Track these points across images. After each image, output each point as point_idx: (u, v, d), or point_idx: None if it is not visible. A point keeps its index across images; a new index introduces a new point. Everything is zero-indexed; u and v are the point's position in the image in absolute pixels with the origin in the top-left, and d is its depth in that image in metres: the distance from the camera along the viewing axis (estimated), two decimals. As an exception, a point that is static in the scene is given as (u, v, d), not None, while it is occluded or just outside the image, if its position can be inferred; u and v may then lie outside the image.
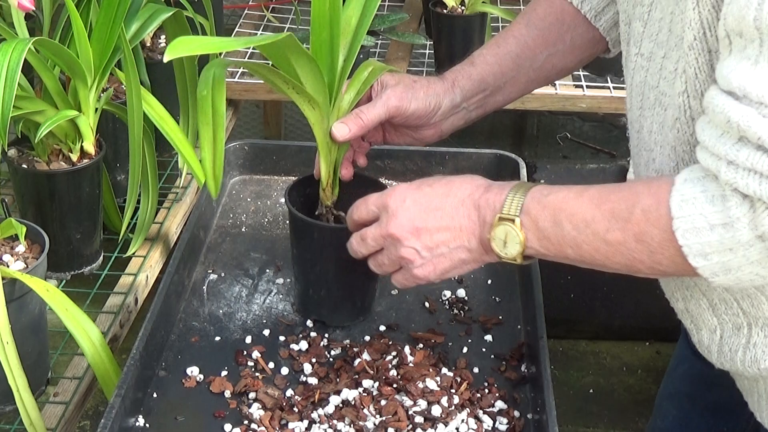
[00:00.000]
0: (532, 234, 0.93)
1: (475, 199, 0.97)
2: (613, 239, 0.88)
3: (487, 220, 0.96)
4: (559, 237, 0.92)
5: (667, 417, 1.37)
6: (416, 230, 0.99)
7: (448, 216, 0.98)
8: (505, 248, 0.95)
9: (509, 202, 0.94)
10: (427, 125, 1.17)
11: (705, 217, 0.82)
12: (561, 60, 1.19)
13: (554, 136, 2.85)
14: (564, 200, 0.92)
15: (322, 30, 1.04)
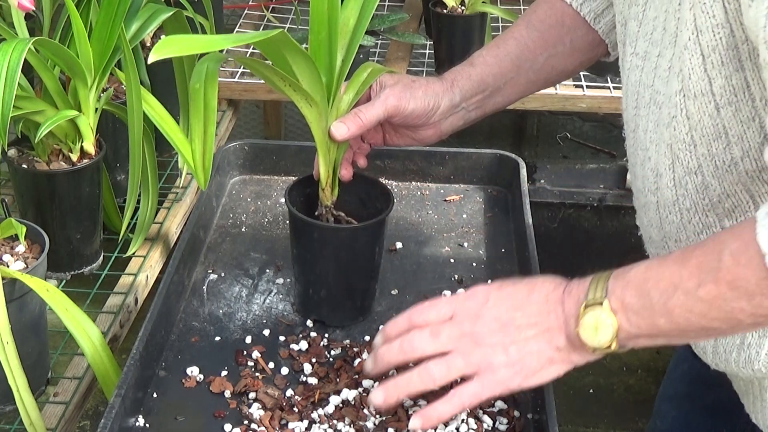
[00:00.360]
0: (622, 314, 0.87)
1: (559, 294, 0.91)
2: (707, 294, 0.82)
3: (572, 312, 0.89)
4: (649, 308, 0.85)
5: (667, 418, 1.37)
6: (503, 326, 0.91)
7: (535, 313, 0.91)
8: (597, 336, 0.88)
9: (593, 289, 0.88)
10: (426, 125, 1.17)
11: None
12: (561, 62, 1.19)
13: (554, 136, 2.85)
14: (646, 270, 0.86)
15: (320, 30, 1.04)
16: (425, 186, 1.49)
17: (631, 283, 0.87)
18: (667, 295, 0.84)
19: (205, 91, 1.02)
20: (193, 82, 1.02)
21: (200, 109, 1.03)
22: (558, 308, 0.91)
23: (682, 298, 0.83)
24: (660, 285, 0.84)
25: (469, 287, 1.25)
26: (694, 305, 0.83)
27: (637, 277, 0.87)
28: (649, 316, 0.85)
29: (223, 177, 1.46)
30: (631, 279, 0.87)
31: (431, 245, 1.36)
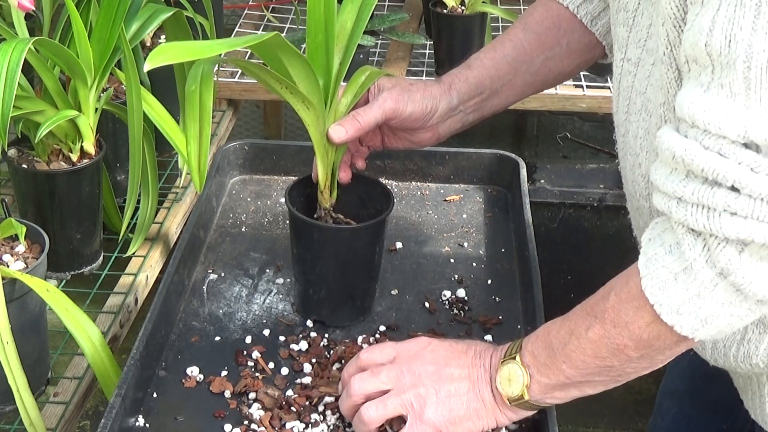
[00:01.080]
0: (534, 367, 0.94)
1: (488, 352, 0.98)
2: (594, 335, 0.89)
3: (494, 366, 0.97)
4: (552, 357, 0.92)
5: (667, 415, 1.37)
6: (437, 371, 0.97)
7: (467, 366, 0.98)
8: (511, 387, 0.95)
9: (511, 347, 0.96)
10: (424, 128, 1.17)
11: (667, 269, 0.82)
12: (558, 64, 1.19)
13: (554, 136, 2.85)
14: (551, 324, 0.94)
15: (317, 33, 1.05)
16: (425, 186, 1.49)
17: (539, 337, 0.94)
18: (564, 342, 0.91)
19: (201, 93, 1.02)
20: (189, 84, 1.03)
21: (196, 110, 1.03)
22: (486, 363, 0.97)
23: (576, 342, 0.90)
24: (560, 335, 0.91)
25: (469, 287, 1.26)
26: (586, 347, 0.89)
27: (544, 331, 0.94)
28: (553, 363, 0.92)
29: (223, 177, 1.46)
30: (540, 334, 0.94)
31: (431, 245, 1.36)
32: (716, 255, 0.78)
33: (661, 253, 0.82)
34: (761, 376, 1.00)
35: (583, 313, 0.90)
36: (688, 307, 0.82)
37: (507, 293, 1.27)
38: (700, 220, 0.77)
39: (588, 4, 1.16)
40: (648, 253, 0.84)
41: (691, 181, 0.78)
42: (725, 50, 0.74)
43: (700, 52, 0.77)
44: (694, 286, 0.80)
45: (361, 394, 0.99)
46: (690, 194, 0.78)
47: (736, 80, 0.74)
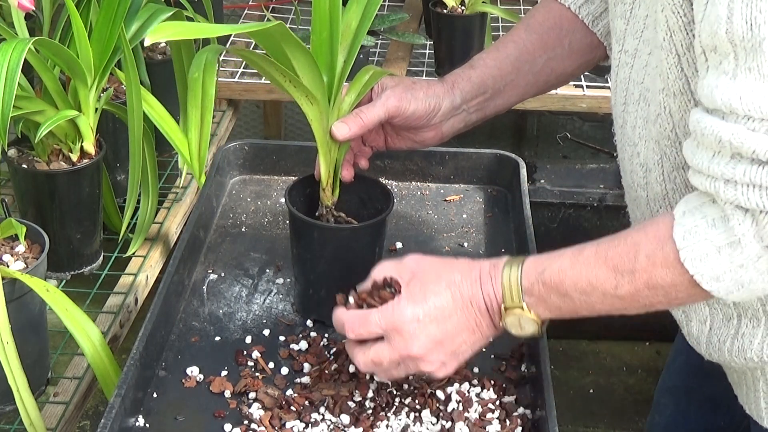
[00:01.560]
0: (543, 308, 0.94)
1: (477, 296, 0.96)
2: (625, 293, 0.89)
3: (495, 310, 0.96)
4: (571, 306, 0.93)
5: (665, 412, 1.38)
6: (439, 343, 0.97)
7: (463, 321, 0.97)
8: (523, 330, 0.96)
9: (508, 291, 0.95)
10: (427, 127, 1.18)
11: (710, 242, 0.83)
12: (560, 64, 1.20)
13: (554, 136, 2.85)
14: (561, 272, 0.92)
15: (322, 30, 1.05)
16: (425, 186, 1.49)
17: (548, 286, 0.93)
18: (587, 295, 0.91)
19: (204, 80, 1.03)
20: (192, 71, 1.03)
21: (198, 98, 1.04)
22: (483, 309, 0.97)
23: (601, 297, 0.90)
24: (578, 286, 0.91)
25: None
26: (614, 302, 0.90)
27: (554, 280, 0.92)
28: (570, 309, 0.93)
29: (223, 177, 1.46)
30: (547, 281, 0.92)
31: (431, 245, 1.36)
32: (766, 230, 0.80)
33: (704, 226, 0.83)
34: (755, 370, 1.01)
35: (605, 268, 0.89)
36: (729, 276, 0.83)
37: (507, 293, 1.27)
38: (752, 199, 0.79)
39: (589, 4, 1.17)
40: (686, 225, 0.84)
41: (739, 162, 0.79)
42: (748, 34, 0.76)
43: (721, 41, 0.78)
44: (739, 259, 0.82)
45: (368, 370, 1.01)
46: (741, 175, 0.79)
47: (764, 62, 0.75)
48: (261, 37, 0.99)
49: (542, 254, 0.95)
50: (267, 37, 0.98)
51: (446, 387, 1.09)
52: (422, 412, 1.06)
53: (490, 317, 0.97)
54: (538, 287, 0.93)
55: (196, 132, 1.07)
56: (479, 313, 0.97)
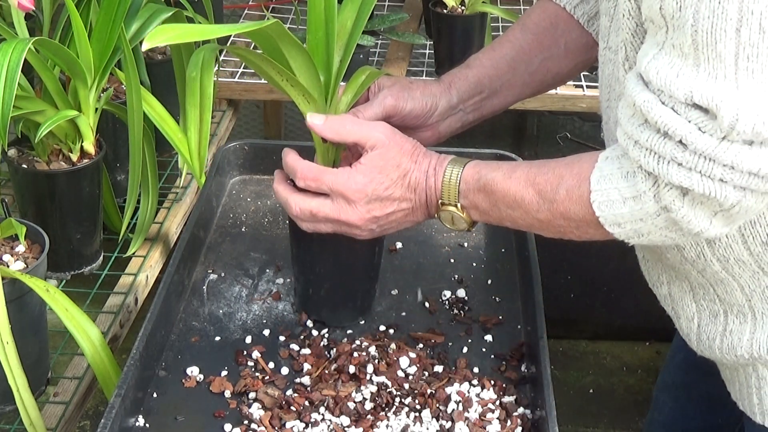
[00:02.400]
0: (474, 212, 1.03)
1: (421, 186, 1.05)
2: (543, 218, 0.97)
3: (432, 202, 1.05)
4: (497, 215, 1.02)
5: (664, 409, 1.38)
6: (376, 219, 1.05)
7: (403, 206, 1.05)
8: (454, 225, 1.05)
9: (446, 190, 1.03)
10: (424, 127, 1.18)
11: (618, 191, 0.89)
12: (556, 64, 1.20)
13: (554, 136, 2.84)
14: (494, 183, 1.00)
15: (317, 29, 1.06)
16: (425, 186, 1.48)
17: (482, 191, 1.01)
18: (512, 209, 0.99)
19: (202, 79, 1.03)
20: (190, 70, 1.03)
21: (196, 96, 1.04)
22: (422, 195, 1.05)
23: (523, 214, 0.99)
24: (506, 200, 0.99)
25: (469, 287, 1.26)
26: (533, 222, 0.99)
27: (487, 186, 1.01)
28: (496, 218, 1.03)
29: (223, 177, 1.46)
30: (482, 187, 1.01)
31: (431, 245, 1.36)
32: (662, 193, 0.86)
33: (617, 175, 0.90)
34: (747, 367, 1.01)
35: (531, 190, 0.97)
36: (630, 225, 0.91)
37: (507, 293, 1.27)
38: (650, 164, 0.85)
39: (584, 4, 1.17)
40: (603, 170, 0.91)
41: (647, 128, 0.85)
42: (677, 14, 0.80)
43: (656, 14, 0.83)
44: (639, 213, 0.89)
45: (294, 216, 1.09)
46: (645, 140, 0.85)
47: (685, 42, 0.80)
48: (258, 36, 0.99)
49: (482, 162, 1.03)
50: (264, 36, 0.98)
51: (446, 387, 1.09)
52: (422, 412, 1.06)
53: (427, 208, 1.06)
54: (472, 193, 1.02)
55: (195, 131, 1.07)
56: (419, 201, 1.05)
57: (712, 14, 0.77)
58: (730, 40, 0.77)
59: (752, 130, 0.78)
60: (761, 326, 0.98)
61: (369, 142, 1.05)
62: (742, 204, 0.83)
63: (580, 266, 2.42)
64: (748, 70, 0.78)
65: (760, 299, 0.97)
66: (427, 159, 1.05)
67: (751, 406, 1.04)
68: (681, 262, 0.99)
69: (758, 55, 0.77)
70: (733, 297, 0.99)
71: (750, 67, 0.77)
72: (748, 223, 0.91)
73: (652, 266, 1.08)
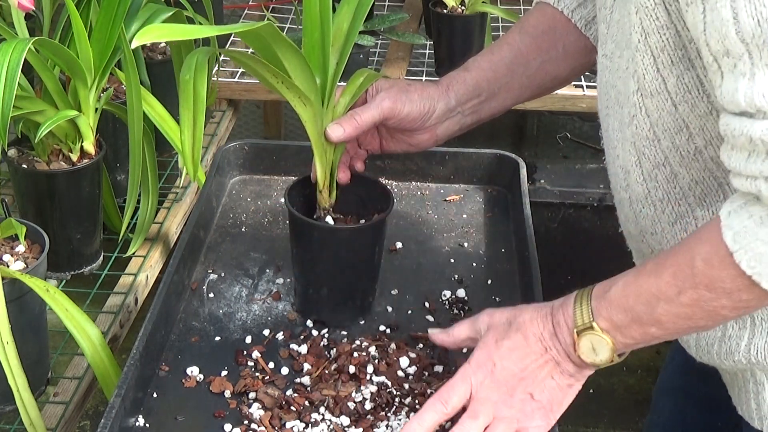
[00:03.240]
0: (614, 332, 0.93)
1: (549, 329, 0.97)
2: (688, 300, 0.87)
3: (568, 342, 0.96)
4: (636, 321, 0.92)
5: (663, 412, 1.38)
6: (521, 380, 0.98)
7: (538, 356, 0.97)
8: (597, 356, 0.95)
9: (579, 315, 0.94)
10: (421, 129, 1.18)
11: (762, 241, 0.81)
12: (554, 68, 1.20)
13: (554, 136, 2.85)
14: (624, 287, 0.92)
15: (313, 31, 1.06)
16: (425, 186, 1.49)
17: (614, 302, 0.92)
18: (651, 307, 0.90)
19: (195, 81, 1.03)
20: (183, 73, 1.03)
21: (190, 99, 1.04)
22: (555, 343, 0.97)
23: (666, 307, 0.89)
24: (641, 299, 0.90)
25: (469, 287, 1.26)
26: (679, 311, 0.88)
27: (617, 295, 0.92)
28: (640, 327, 0.92)
29: (223, 177, 1.46)
30: (613, 299, 0.92)
31: (431, 245, 1.36)
32: None
33: (752, 226, 0.82)
34: (745, 372, 1.01)
35: (665, 277, 0.88)
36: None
37: (507, 293, 1.27)
38: None
39: (582, 8, 1.17)
40: (734, 227, 0.83)
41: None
42: (757, 31, 0.76)
43: (732, 43, 0.78)
44: None
45: None
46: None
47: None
48: (250, 37, 0.99)
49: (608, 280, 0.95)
50: (256, 37, 0.98)
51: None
52: (422, 412, 1.06)
53: (566, 349, 0.96)
54: (605, 305, 0.93)
55: (189, 133, 1.07)
56: (555, 346, 0.97)
57: None
58: None
59: None
60: (759, 332, 0.98)
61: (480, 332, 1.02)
62: None
63: (580, 266, 2.42)
64: None
65: None
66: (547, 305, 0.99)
67: (749, 411, 1.04)
68: None
69: None
70: None
71: None
72: None
73: None
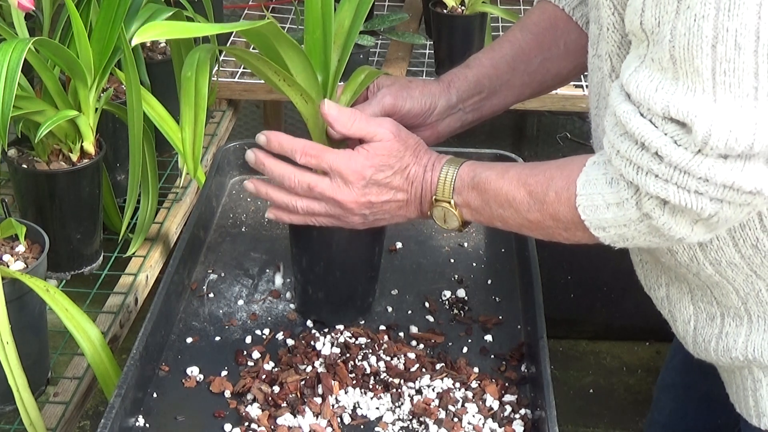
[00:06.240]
0: (466, 210, 1.04)
1: (418, 181, 1.06)
2: (533, 218, 0.98)
3: (426, 198, 1.06)
4: (488, 213, 1.02)
5: (665, 410, 1.39)
6: (369, 204, 1.06)
7: (399, 197, 1.06)
8: (446, 223, 1.06)
9: (442, 184, 1.04)
10: (423, 126, 1.18)
11: (602, 197, 0.91)
12: (555, 65, 1.20)
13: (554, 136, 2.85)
14: (488, 181, 1.01)
15: (314, 29, 1.06)
16: (425, 186, 1.48)
17: (475, 189, 1.02)
18: (503, 208, 1.00)
19: (197, 79, 1.03)
20: (185, 70, 1.03)
21: (191, 97, 1.04)
22: (417, 192, 1.06)
23: (514, 214, 1.00)
24: (498, 199, 1.00)
25: (469, 287, 1.26)
26: (523, 222, 1.00)
27: (481, 185, 1.02)
28: (488, 217, 1.03)
29: (223, 177, 1.46)
30: (475, 185, 1.02)
31: (431, 245, 1.36)
32: (643, 202, 0.87)
33: (602, 181, 0.91)
34: (743, 369, 1.02)
35: (523, 191, 0.98)
36: (614, 230, 0.92)
37: (507, 293, 1.27)
38: (630, 174, 0.87)
39: (583, 6, 1.18)
40: (589, 174, 0.92)
41: (626, 138, 0.86)
42: (656, 29, 0.82)
43: (637, 29, 0.85)
44: (623, 219, 0.90)
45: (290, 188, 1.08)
46: (624, 150, 0.86)
47: (664, 57, 0.81)
48: (253, 36, 1.00)
49: (478, 162, 1.05)
50: (259, 35, 0.99)
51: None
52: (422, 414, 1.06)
53: (421, 204, 1.06)
54: (466, 190, 1.03)
55: (190, 131, 1.07)
56: (414, 195, 1.06)
57: (688, 31, 0.78)
58: (707, 56, 0.78)
59: (725, 145, 0.79)
60: (756, 329, 0.98)
61: (376, 137, 1.05)
62: (720, 215, 0.84)
63: (580, 266, 2.42)
64: (725, 84, 0.79)
65: (755, 302, 0.97)
66: (428, 155, 1.07)
67: (747, 408, 1.04)
68: (676, 265, 0.99)
69: (735, 70, 0.78)
70: (729, 300, 0.99)
71: (727, 81, 0.79)
72: (737, 227, 0.92)
73: (651, 269, 1.08)
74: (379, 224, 1.10)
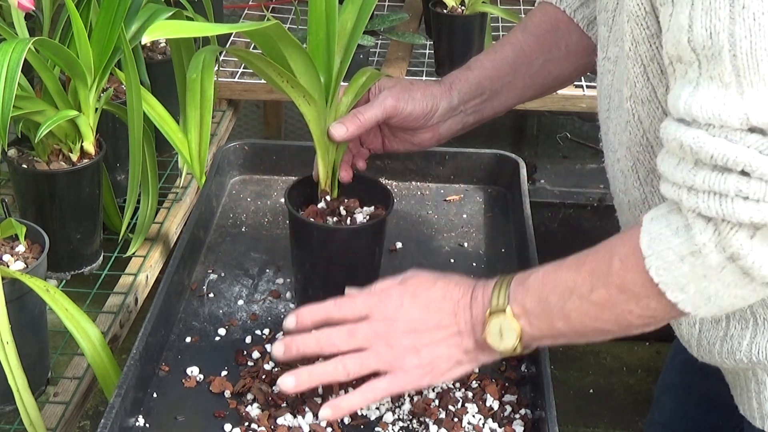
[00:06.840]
0: (524, 319, 0.93)
1: (467, 300, 0.96)
2: (599, 297, 0.88)
3: (479, 318, 0.95)
4: (547, 312, 0.91)
5: (665, 410, 1.39)
6: (415, 330, 0.97)
7: (445, 317, 0.97)
8: (503, 341, 0.94)
9: (496, 296, 0.94)
10: (424, 128, 1.18)
11: (672, 250, 0.82)
12: (557, 67, 1.20)
13: (554, 136, 2.85)
14: (544, 276, 0.92)
15: (318, 30, 1.06)
16: (425, 186, 1.49)
17: (530, 289, 0.93)
18: (564, 300, 0.90)
19: (202, 80, 1.03)
20: (190, 72, 1.04)
21: (197, 98, 1.04)
22: (466, 313, 0.96)
23: (577, 303, 0.89)
24: (557, 290, 0.90)
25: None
26: (588, 309, 0.89)
27: (536, 283, 0.92)
28: (549, 319, 0.91)
29: (223, 177, 1.46)
30: (530, 285, 0.93)
31: (431, 245, 1.36)
32: (728, 240, 0.79)
33: (667, 234, 0.82)
34: (747, 371, 1.02)
35: (583, 273, 0.89)
36: (693, 286, 0.82)
37: (507, 293, 1.27)
38: (712, 207, 0.78)
39: (584, 8, 1.18)
40: (651, 232, 0.84)
41: (700, 169, 0.78)
42: (708, 43, 0.76)
43: (684, 50, 0.78)
44: (702, 269, 0.81)
45: (333, 350, 0.98)
46: (701, 182, 0.78)
47: (725, 70, 0.75)
48: (258, 36, 1.00)
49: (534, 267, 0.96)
50: (264, 36, 0.99)
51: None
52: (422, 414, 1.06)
53: (473, 326, 0.96)
54: (522, 291, 0.93)
55: (195, 132, 1.07)
56: (464, 317, 0.96)
57: (749, 33, 0.73)
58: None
59: None
60: (761, 332, 0.98)
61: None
62: None
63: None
64: None
65: (761, 305, 0.96)
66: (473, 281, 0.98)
67: (750, 410, 1.04)
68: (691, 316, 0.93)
69: None
70: None
71: None
72: None
73: None
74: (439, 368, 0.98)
